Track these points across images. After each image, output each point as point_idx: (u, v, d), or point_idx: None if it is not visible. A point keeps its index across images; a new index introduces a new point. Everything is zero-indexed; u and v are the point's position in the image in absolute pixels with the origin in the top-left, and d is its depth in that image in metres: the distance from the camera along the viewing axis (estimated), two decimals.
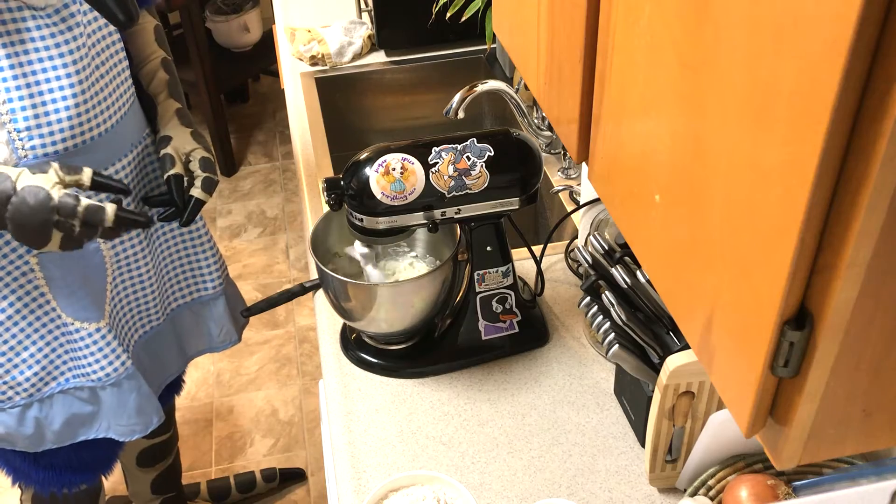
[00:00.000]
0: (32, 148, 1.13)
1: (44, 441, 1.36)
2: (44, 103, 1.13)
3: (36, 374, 1.29)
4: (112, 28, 1.22)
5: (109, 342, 1.30)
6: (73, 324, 1.28)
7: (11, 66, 1.10)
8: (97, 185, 1.13)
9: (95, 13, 1.17)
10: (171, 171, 1.29)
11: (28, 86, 1.11)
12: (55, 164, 1.10)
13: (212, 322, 1.54)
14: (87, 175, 1.11)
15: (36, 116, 1.12)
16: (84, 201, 1.08)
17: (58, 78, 1.13)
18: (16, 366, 1.27)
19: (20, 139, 1.13)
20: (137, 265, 1.35)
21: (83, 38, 1.16)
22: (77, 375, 1.33)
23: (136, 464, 1.79)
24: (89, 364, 1.31)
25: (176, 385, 1.66)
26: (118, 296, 1.35)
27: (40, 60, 1.12)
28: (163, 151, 1.31)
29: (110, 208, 1.10)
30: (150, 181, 1.36)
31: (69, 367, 1.32)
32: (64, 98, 1.14)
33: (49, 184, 1.07)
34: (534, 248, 1.34)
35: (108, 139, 1.22)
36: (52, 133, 1.14)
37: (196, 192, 1.30)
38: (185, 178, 1.30)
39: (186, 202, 1.30)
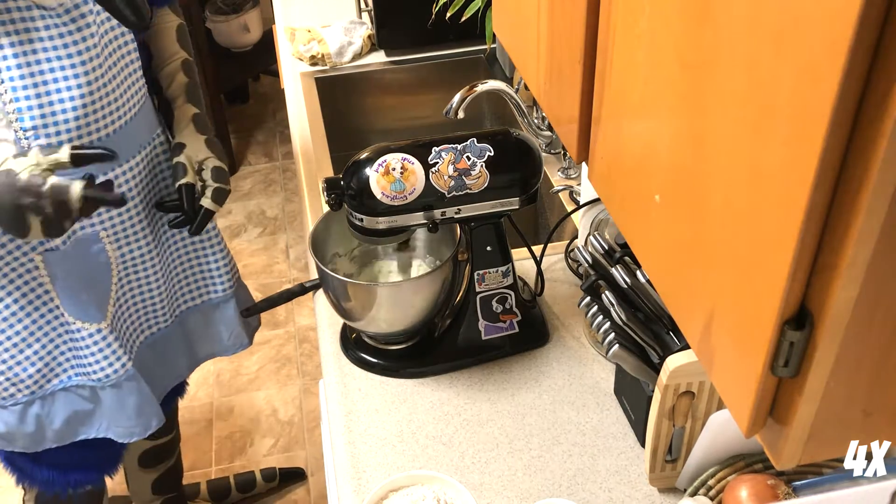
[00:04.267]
0: (39, 147, 1.12)
1: (44, 440, 1.35)
2: (51, 103, 1.12)
3: (39, 370, 1.29)
4: (125, 28, 1.20)
5: (110, 343, 1.30)
6: (74, 323, 1.27)
7: (19, 66, 1.09)
8: (78, 159, 1.09)
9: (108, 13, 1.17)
10: (183, 180, 1.28)
11: (35, 85, 1.11)
12: (36, 148, 1.08)
13: (222, 325, 1.52)
14: (64, 153, 1.07)
15: (42, 116, 1.12)
16: (50, 179, 1.05)
17: (66, 78, 1.12)
18: (19, 363, 1.27)
19: (26, 138, 1.12)
20: (144, 266, 1.34)
21: (94, 39, 1.15)
22: (79, 374, 1.33)
23: (137, 464, 1.78)
24: (90, 364, 1.31)
25: (179, 388, 1.66)
26: (123, 297, 1.34)
27: (48, 60, 1.11)
28: (176, 159, 1.30)
29: (77, 185, 1.06)
30: (160, 182, 1.35)
31: (71, 364, 1.32)
32: (72, 98, 1.13)
33: (22, 166, 1.05)
34: (534, 248, 1.34)
35: (117, 139, 1.21)
36: (58, 132, 1.14)
37: (206, 202, 1.30)
38: (198, 187, 1.29)
39: (197, 211, 1.30)
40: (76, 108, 1.14)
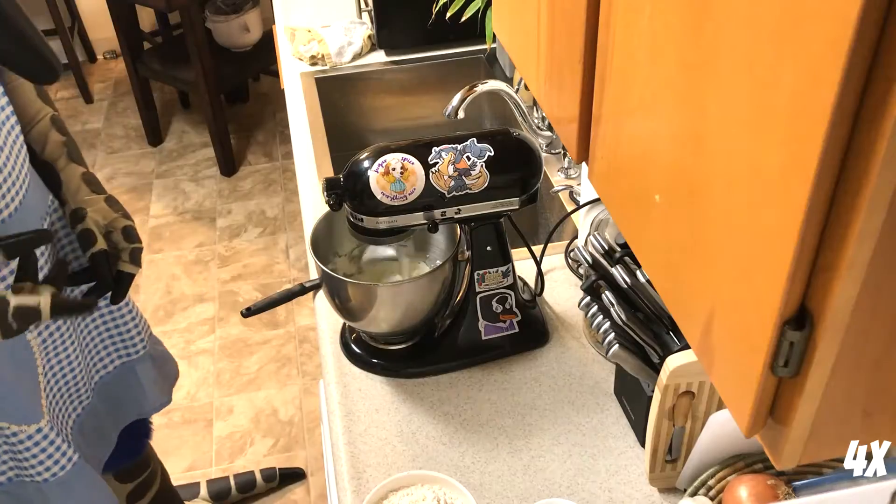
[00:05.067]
0: None
1: None
2: None
3: None
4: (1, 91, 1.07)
5: (53, 440, 1.19)
6: (8, 427, 1.15)
7: None
8: (12, 252, 1.00)
9: None
10: (95, 249, 1.17)
11: None
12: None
13: (144, 385, 1.44)
14: (45, 310, 1.00)
15: None
16: (13, 300, 0.98)
17: None
18: None
19: None
20: (64, 345, 1.24)
21: None
22: (19, 476, 1.22)
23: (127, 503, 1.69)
24: (32, 466, 1.19)
25: (145, 431, 1.57)
26: (49, 384, 1.23)
27: None
28: (80, 227, 1.18)
29: (44, 303, 1.00)
30: (60, 253, 1.24)
31: (10, 466, 1.21)
32: None
33: None
34: (534, 248, 1.34)
35: (20, 218, 1.09)
36: None
37: (126, 266, 1.20)
38: (110, 253, 1.19)
39: (115, 278, 1.20)
40: None
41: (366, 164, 1.13)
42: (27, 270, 1.04)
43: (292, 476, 2.19)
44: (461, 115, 1.46)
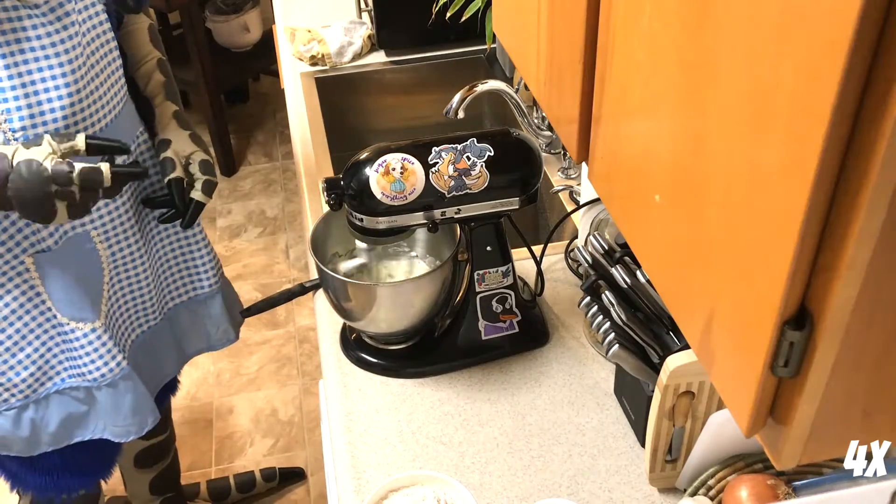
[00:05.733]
0: (49, 134, 1.11)
1: (39, 444, 1.34)
2: (39, 103, 1.11)
3: (32, 374, 1.28)
4: (106, 26, 1.20)
5: (105, 342, 1.29)
6: (68, 323, 1.27)
7: (7, 66, 1.09)
8: (93, 149, 1.12)
9: (90, 9, 1.17)
10: (172, 175, 1.29)
11: (24, 85, 1.10)
12: (47, 136, 1.09)
13: (209, 321, 1.53)
14: (80, 141, 1.10)
15: (31, 116, 1.11)
16: (78, 166, 1.07)
17: (53, 77, 1.12)
18: (12, 367, 1.26)
19: (15, 139, 1.12)
20: (134, 264, 1.35)
21: (78, 37, 1.14)
22: (73, 375, 1.32)
23: (133, 465, 1.78)
24: (85, 364, 1.30)
25: (171, 385, 1.66)
26: (115, 295, 1.34)
27: (36, 59, 1.10)
28: (163, 155, 1.31)
29: (105, 168, 1.09)
30: (146, 180, 1.36)
31: (65, 366, 1.31)
32: (60, 98, 1.13)
33: (42, 155, 1.06)
34: (534, 248, 1.34)
35: (107, 134, 1.21)
36: (47, 132, 1.13)
37: (197, 194, 1.31)
38: (186, 181, 1.31)
39: (187, 205, 1.31)
40: (64, 108, 1.13)
41: (366, 164, 1.13)
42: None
43: (292, 476, 2.19)
44: (461, 115, 1.46)
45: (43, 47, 1.11)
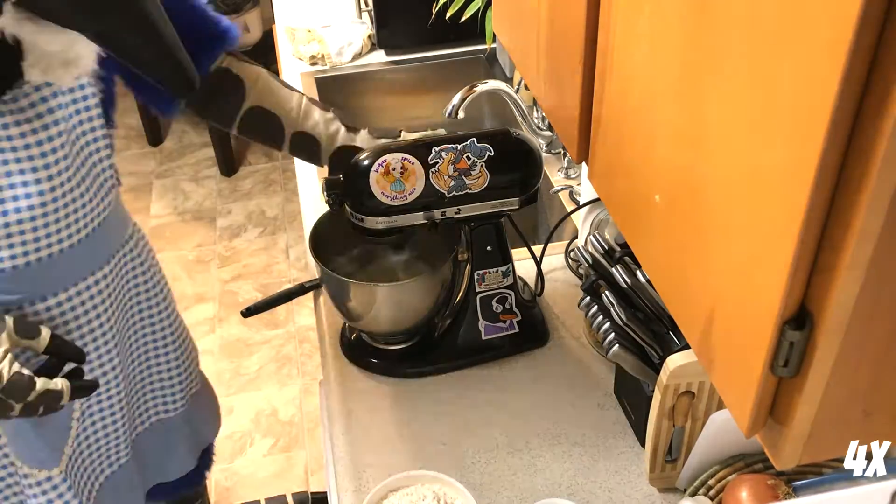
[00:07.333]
0: (8, 317, 0.98)
1: None
2: (5, 212, 0.97)
3: None
4: (94, 112, 1.04)
5: (62, 493, 1.14)
6: (21, 467, 1.13)
7: None
8: (53, 353, 1.01)
9: (75, 95, 1.01)
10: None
11: None
12: (9, 321, 0.97)
13: (169, 449, 1.38)
14: (44, 339, 0.99)
15: None
16: (39, 385, 0.96)
17: (24, 184, 0.97)
18: None
19: None
20: (109, 392, 1.19)
21: (62, 137, 0.99)
22: None
23: None
24: None
25: (207, 460, 1.51)
26: (84, 433, 1.18)
27: (5, 163, 0.95)
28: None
29: (65, 388, 0.99)
30: (131, 290, 1.22)
31: None
32: (31, 207, 0.98)
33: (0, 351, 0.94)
34: (534, 248, 1.34)
35: (81, 251, 1.07)
36: (11, 245, 0.99)
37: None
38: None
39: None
40: (34, 219, 0.99)
41: (366, 164, 1.13)
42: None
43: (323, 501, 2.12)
44: (461, 115, 1.46)
45: (14, 149, 0.95)
